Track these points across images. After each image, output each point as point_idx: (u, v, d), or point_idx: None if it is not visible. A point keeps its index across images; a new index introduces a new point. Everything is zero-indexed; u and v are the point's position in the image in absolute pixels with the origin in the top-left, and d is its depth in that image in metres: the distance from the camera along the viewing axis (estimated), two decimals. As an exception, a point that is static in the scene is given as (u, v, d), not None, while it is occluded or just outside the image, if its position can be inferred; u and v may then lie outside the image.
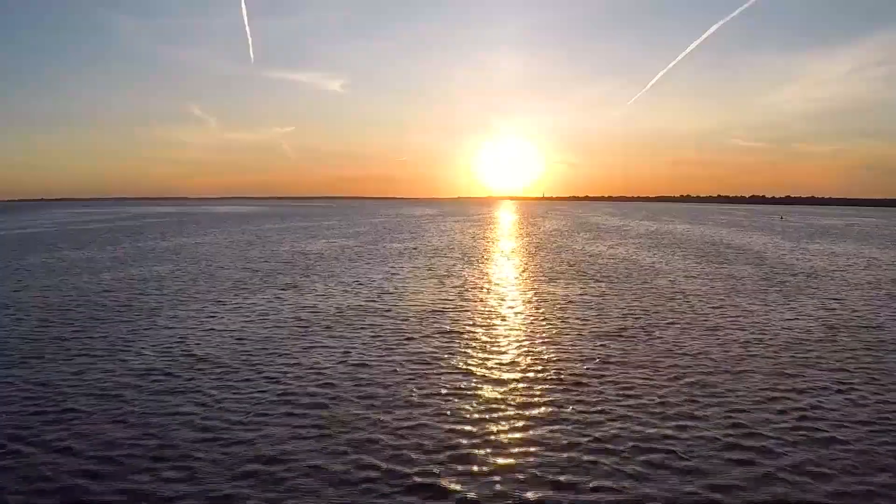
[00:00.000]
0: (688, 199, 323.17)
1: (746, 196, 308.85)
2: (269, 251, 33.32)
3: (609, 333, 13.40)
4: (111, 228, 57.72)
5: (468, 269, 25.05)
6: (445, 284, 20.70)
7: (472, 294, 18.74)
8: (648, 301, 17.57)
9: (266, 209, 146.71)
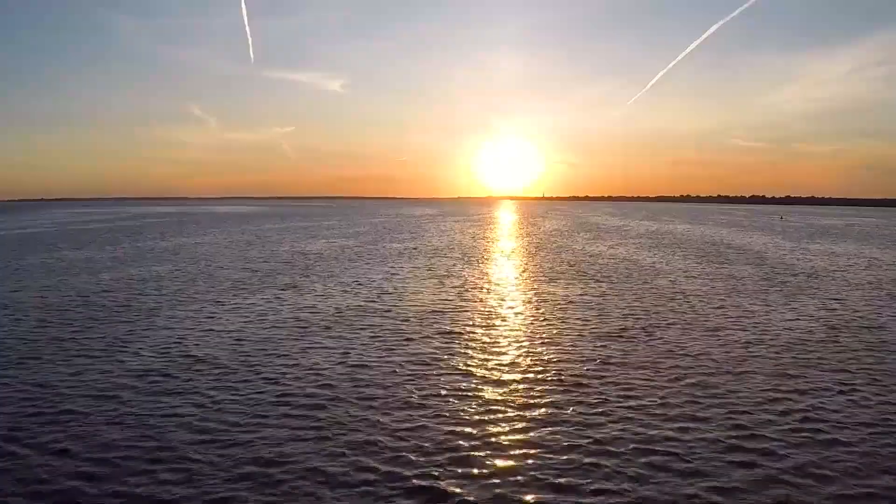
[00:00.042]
0: (688, 199, 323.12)
1: (746, 196, 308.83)
2: (269, 251, 33.27)
3: (609, 334, 13.34)
4: (111, 228, 57.68)
5: (468, 270, 24.99)
6: (445, 285, 20.64)
7: (472, 294, 18.69)
8: (649, 301, 17.51)
9: (266, 209, 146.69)
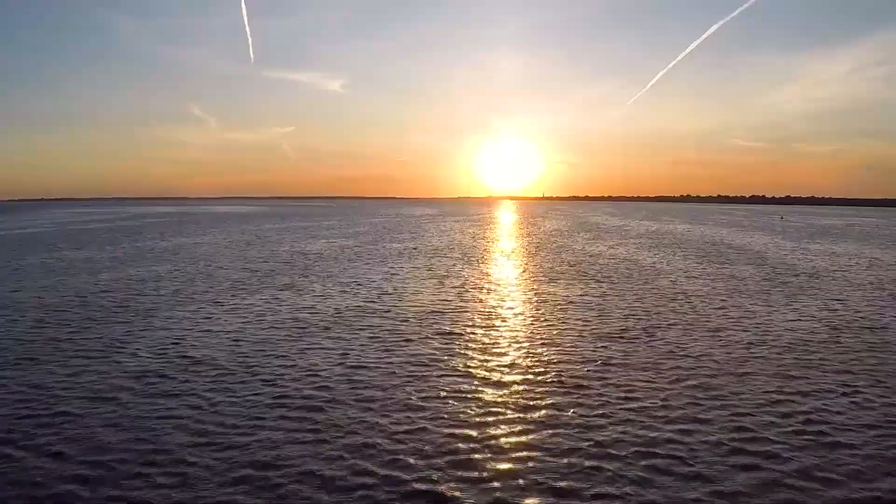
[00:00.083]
0: (688, 199, 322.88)
1: (746, 196, 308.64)
2: (268, 251, 33.18)
3: (610, 335, 13.26)
4: (111, 228, 57.60)
5: (468, 270, 24.90)
6: (445, 285, 20.56)
7: (472, 295, 18.60)
8: (650, 302, 17.42)
9: (266, 209, 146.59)
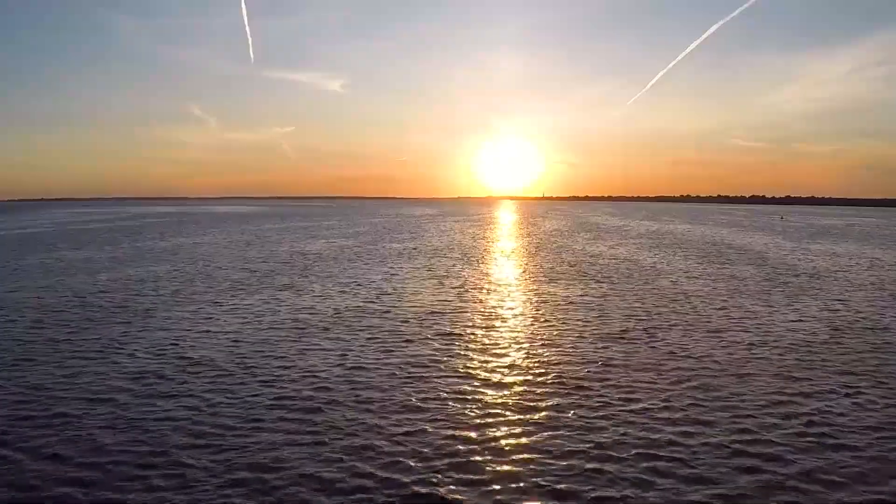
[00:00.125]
0: (688, 199, 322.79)
1: (746, 196, 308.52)
2: (268, 251, 33.12)
3: (611, 335, 13.19)
4: (111, 228, 57.54)
5: (468, 270, 24.84)
6: (445, 285, 20.49)
7: (472, 295, 18.54)
8: (650, 302, 17.36)
9: (266, 209, 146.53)
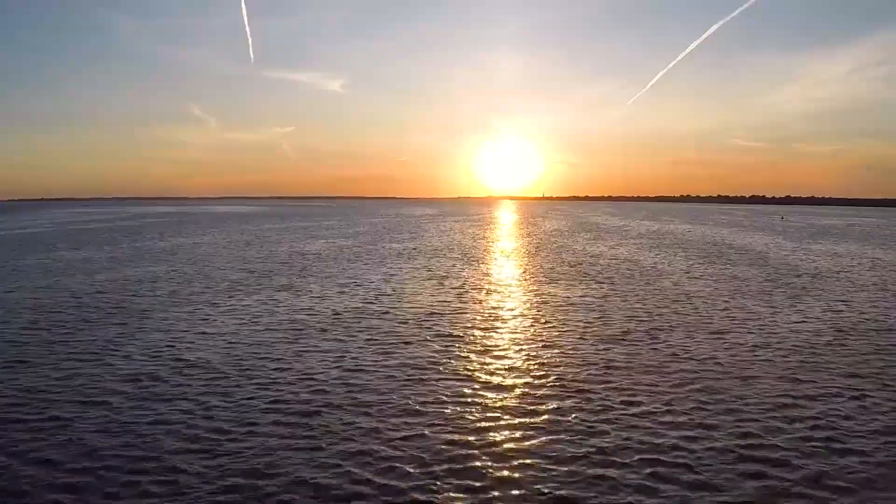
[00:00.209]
0: (688, 199, 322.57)
1: (746, 196, 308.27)
2: (267, 251, 32.98)
3: (612, 337, 13.05)
4: (110, 228, 57.40)
5: (468, 270, 24.70)
6: (445, 286, 20.35)
7: (472, 296, 18.40)
8: (652, 303, 17.22)
9: (266, 209, 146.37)
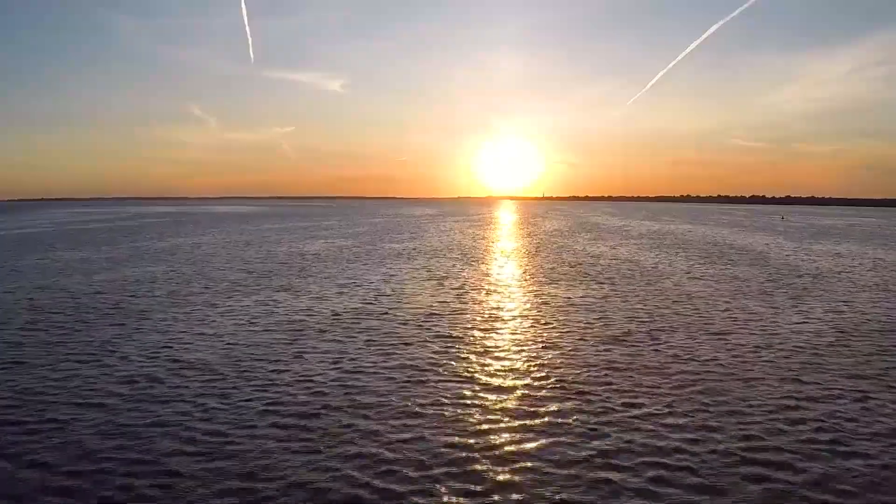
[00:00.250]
0: (688, 199, 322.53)
1: (746, 196, 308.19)
2: (266, 252, 32.88)
3: (613, 338, 12.96)
4: (110, 228, 57.31)
5: (468, 271, 24.61)
6: (444, 286, 20.27)
7: (472, 297, 18.31)
8: (653, 304, 17.13)
9: (266, 209, 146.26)
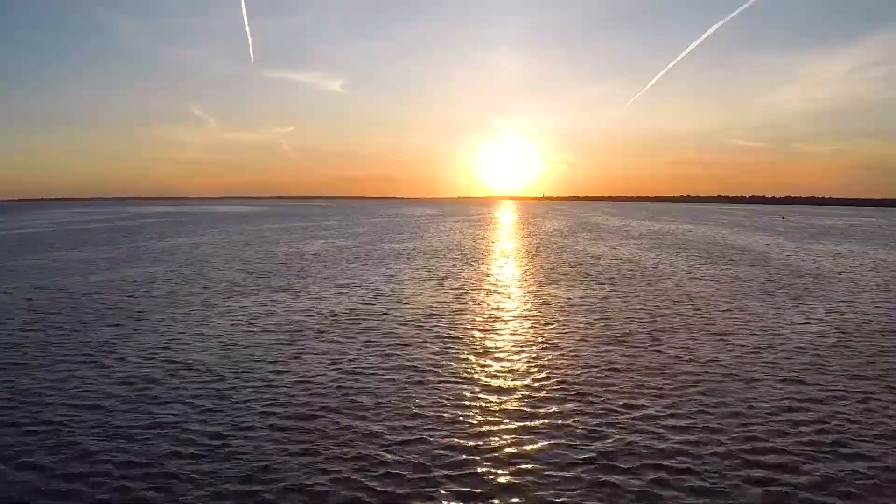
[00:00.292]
0: (688, 199, 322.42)
1: (746, 196, 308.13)
2: (266, 252, 32.81)
3: (614, 339, 12.89)
4: (110, 228, 57.24)
5: (468, 271, 24.54)
6: (444, 287, 20.19)
7: (472, 297, 18.24)
8: (654, 304, 17.05)
9: (266, 209, 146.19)
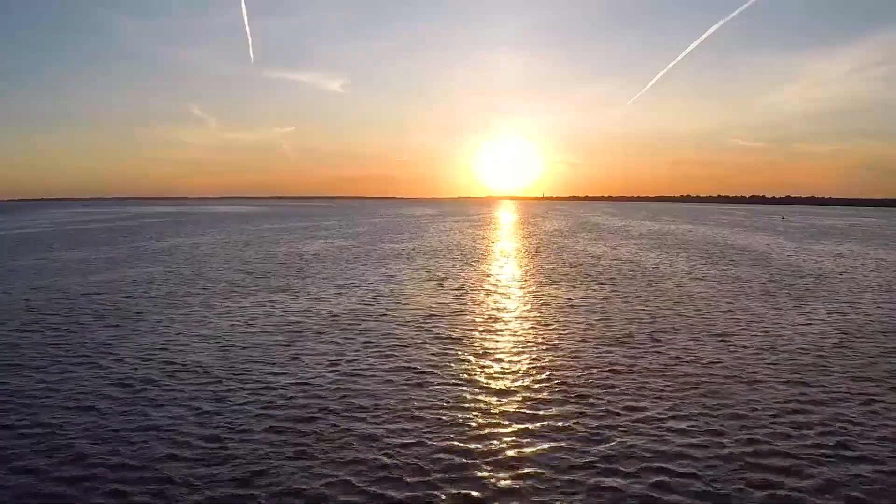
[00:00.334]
0: (688, 199, 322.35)
1: (746, 196, 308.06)
2: (265, 252, 32.73)
3: (615, 340, 12.80)
4: (109, 229, 57.15)
5: (467, 272, 24.45)
6: (444, 287, 20.11)
7: (472, 297, 18.15)
8: (654, 305, 16.97)
9: (266, 209, 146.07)
